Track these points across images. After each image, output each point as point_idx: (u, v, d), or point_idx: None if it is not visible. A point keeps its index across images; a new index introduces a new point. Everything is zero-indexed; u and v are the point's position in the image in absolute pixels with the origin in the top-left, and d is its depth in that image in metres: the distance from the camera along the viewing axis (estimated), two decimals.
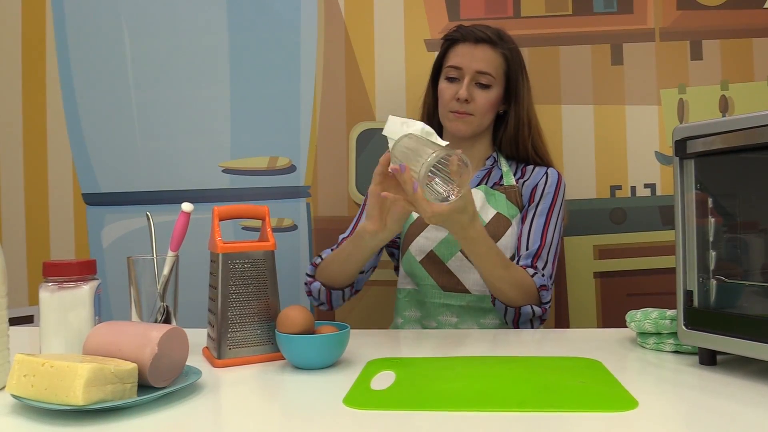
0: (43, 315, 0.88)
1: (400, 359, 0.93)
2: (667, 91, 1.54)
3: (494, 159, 1.37)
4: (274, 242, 0.96)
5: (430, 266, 1.29)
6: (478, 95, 1.29)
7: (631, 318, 0.98)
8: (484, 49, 1.29)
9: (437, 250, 1.28)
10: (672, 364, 0.87)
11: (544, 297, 1.19)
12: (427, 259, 1.29)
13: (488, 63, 1.29)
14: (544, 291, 1.19)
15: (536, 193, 1.31)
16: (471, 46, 1.29)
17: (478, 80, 1.28)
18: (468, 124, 1.30)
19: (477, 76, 1.28)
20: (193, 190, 1.68)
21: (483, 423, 0.65)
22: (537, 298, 1.19)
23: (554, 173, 1.34)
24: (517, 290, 1.16)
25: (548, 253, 1.26)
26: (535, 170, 1.35)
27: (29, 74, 1.75)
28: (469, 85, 1.28)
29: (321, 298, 1.27)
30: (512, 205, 1.31)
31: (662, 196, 1.55)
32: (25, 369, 0.70)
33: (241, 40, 1.67)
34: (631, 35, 1.55)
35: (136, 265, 0.97)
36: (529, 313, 1.17)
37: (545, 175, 1.33)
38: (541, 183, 1.32)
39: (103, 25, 1.71)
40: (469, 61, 1.28)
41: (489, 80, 1.29)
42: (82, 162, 1.73)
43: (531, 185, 1.33)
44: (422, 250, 1.29)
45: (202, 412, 0.72)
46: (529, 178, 1.34)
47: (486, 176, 1.36)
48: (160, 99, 1.70)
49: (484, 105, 1.29)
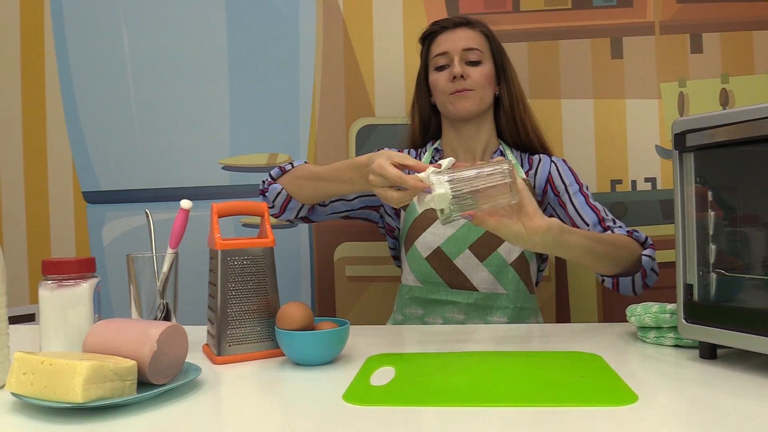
0: (42, 313, 0.88)
1: (400, 355, 0.93)
2: (668, 84, 1.54)
3: (501, 152, 1.36)
4: (273, 239, 0.96)
5: (437, 263, 1.28)
6: (472, 71, 1.29)
7: (632, 312, 0.98)
8: (464, 30, 1.32)
9: (444, 247, 1.27)
10: (672, 358, 0.87)
11: (639, 237, 1.17)
12: (433, 256, 1.28)
13: (472, 40, 1.31)
14: (634, 233, 1.18)
15: (556, 183, 1.31)
16: (451, 31, 1.32)
17: (468, 58, 1.30)
18: (470, 99, 1.29)
19: (465, 54, 1.30)
20: (193, 188, 1.68)
21: (483, 418, 0.65)
22: (637, 243, 1.17)
23: (560, 160, 1.35)
24: (622, 248, 1.13)
25: (607, 214, 1.26)
26: (541, 161, 1.34)
27: (28, 73, 1.75)
28: (461, 64, 1.29)
29: (276, 202, 1.25)
30: None
31: (663, 190, 1.54)
32: (24, 367, 0.70)
33: (240, 37, 1.67)
34: (630, 29, 1.55)
35: (135, 262, 0.97)
36: (649, 261, 1.14)
37: (552, 163, 1.33)
38: (554, 172, 1.32)
39: (101, 23, 1.71)
40: (454, 42, 1.30)
41: (478, 55, 1.30)
42: (81, 160, 1.73)
43: (543, 177, 1.32)
44: (429, 247, 1.28)
45: (202, 409, 0.72)
46: (537, 170, 1.33)
47: None
48: (160, 97, 1.70)
49: (480, 78, 1.29)
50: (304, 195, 1.22)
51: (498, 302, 1.26)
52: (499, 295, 1.26)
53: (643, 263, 1.14)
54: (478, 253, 1.26)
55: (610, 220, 1.25)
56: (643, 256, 1.15)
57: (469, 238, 1.26)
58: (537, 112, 1.56)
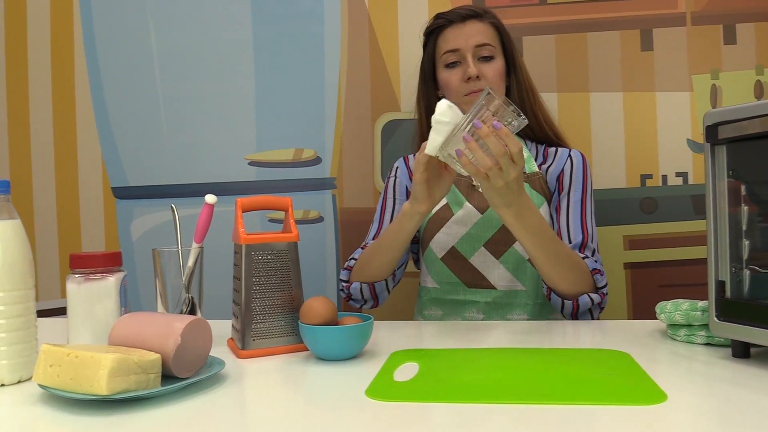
0: (70, 306, 0.89)
1: (424, 350, 0.92)
2: (700, 76, 1.50)
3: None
4: (296, 233, 0.96)
5: (453, 263, 1.26)
6: (486, 69, 1.25)
7: (661, 309, 0.95)
8: (474, 23, 1.26)
9: (459, 247, 1.25)
10: (703, 357, 0.85)
11: (599, 281, 1.14)
12: (448, 256, 1.26)
13: (483, 35, 1.25)
14: (597, 275, 1.14)
15: (564, 180, 1.26)
16: (459, 25, 1.26)
17: (480, 54, 1.25)
18: None
19: (478, 50, 1.25)
20: (220, 183, 1.69)
21: (507, 415, 0.64)
22: (592, 284, 1.14)
23: (578, 156, 1.29)
24: (573, 272, 1.11)
25: (592, 242, 1.22)
26: (558, 153, 1.30)
27: (58, 71, 1.78)
28: (475, 62, 1.24)
29: (365, 296, 1.25)
30: (537, 194, 1.25)
31: (695, 185, 1.51)
32: (51, 359, 0.71)
33: (266, 33, 1.67)
34: (661, 20, 1.51)
35: (161, 257, 0.98)
36: (587, 303, 1.12)
37: (569, 158, 1.28)
38: (567, 168, 1.27)
39: (129, 21, 1.73)
40: (465, 38, 1.25)
41: (490, 51, 1.25)
42: (110, 156, 1.75)
43: (556, 171, 1.28)
44: (443, 247, 1.26)
45: (226, 402, 0.72)
46: (552, 163, 1.29)
47: None
48: (187, 93, 1.71)
49: (495, 77, 1.25)
50: (378, 270, 1.21)
51: (517, 299, 1.24)
52: (518, 291, 1.24)
53: (579, 299, 1.12)
54: (494, 251, 1.24)
55: (591, 250, 1.21)
56: (585, 295, 1.12)
57: (483, 235, 1.24)
58: (564, 106, 1.54)
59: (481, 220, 1.24)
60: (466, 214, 1.26)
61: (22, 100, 1.80)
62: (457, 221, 1.26)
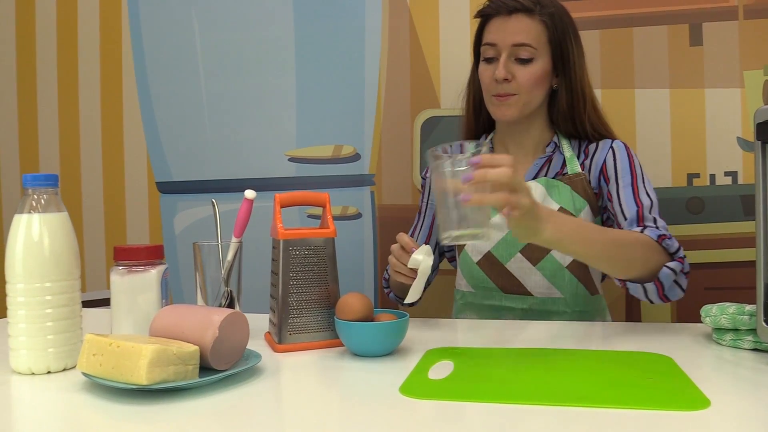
0: (113, 297, 0.92)
1: (460, 349, 0.91)
2: (751, 72, 1.45)
3: (555, 144, 1.24)
4: (334, 229, 0.97)
5: (488, 268, 1.23)
6: (519, 71, 1.16)
7: (706, 313, 0.93)
8: (519, 18, 1.16)
9: (495, 252, 1.21)
10: (750, 363, 0.82)
11: (670, 246, 1.02)
12: (484, 261, 1.23)
13: (526, 33, 1.15)
14: (666, 240, 1.03)
15: (608, 171, 1.19)
16: (504, 18, 1.17)
17: (517, 55, 1.16)
18: (512, 106, 1.18)
19: (515, 50, 1.16)
20: (260, 179, 1.71)
21: (542, 417, 0.63)
22: (665, 253, 1.03)
23: (620, 146, 1.20)
24: (637, 253, 1.00)
25: (650, 211, 1.12)
26: (598, 148, 1.22)
27: (107, 69, 1.83)
28: (507, 62, 1.16)
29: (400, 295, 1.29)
30: (579, 197, 1.19)
31: (745, 185, 1.46)
32: (94, 348, 0.73)
33: (307, 30, 1.68)
34: (711, 14, 1.46)
35: (201, 250, 0.99)
36: (669, 275, 1.00)
37: (610, 149, 1.20)
38: (609, 161, 1.19)
39: (175, 19, 1.77)
40: (504, 35, 1.16)
41: (530, 53, 1.15)
42: (155, 151, 1.79)
43: (599, 164, 1.20)
44: (479, 251, 1.23)
45: (262, 394, 0.73)
46: (593, 157, 1.22)
47: (546, 165, 1.23)
48: (229, 89, 1.74)
49: (527, 81, 1.16)
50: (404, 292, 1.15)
51: (555, 307, 1.20)
52: (555, 299, 1.20)
53: (659, 275, 1.01)
54: (531, 257, 1.19)
55: (651, 219, 1.11)
56: (664, 267, 1.01)
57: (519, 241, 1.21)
58: (609, 102, 1.51)
59: None
60: (501, 219, 1.21)
61: (72, 97, 1.85)
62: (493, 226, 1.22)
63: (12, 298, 0.81)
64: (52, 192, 0.84)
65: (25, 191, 0.84)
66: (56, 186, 0.84)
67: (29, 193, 0.83)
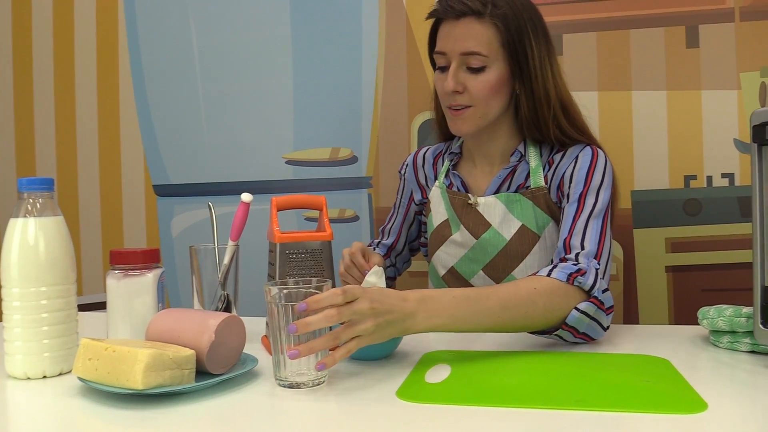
0: (109, 301, 0.91)
1: (457, 352, 0.91)
2: (748, 74, 1.45)
3: (520, 154, 1.14)
4: (331, 232, 0.96)
5: (453, 282, 1.19)
6: (471, 82, 1.07)
7: (704, 315, 0.92)
8: (468, 23, 1.05)
9: (459, 267, 1.18)
10: (747, 365, 0.82)
11: (582, 284, 0.91)
12: (449, 275, 1.20)
13: (475, 40, 1.05)
14: (579, 277, 0.92)
15: (564, 186, 1.09)
16: (452, 23, 1.07)
17: (468, 63, 1.06)
18: (467, 120, 1.10)
19: (464, 59, 1.06)
20: (257, 182, 1.71)
21: (540, 420, 0.63)
22: (576, 292, 0.92)
23: (587, 155, 1.09)
24: (541, 302, 0.89)
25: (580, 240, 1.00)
26: (566, 155, 1.11)
27: (104, 72, 1.82)
28: (457, 72, 1.07)
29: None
30: (542, 213, 1.11)
31: (741, 187, 1.46)
32: (89, 353, 0.73)
33: (304, 33, 1.68)
34: (708, 16, 1.46)
35: (198, 254, 0.99)
36: (580, 318, 0.90)
37: (575, 159, 1.09)
38: (568, 173, 1.09)
39: (171, 22, 1.76)
40: (452, 42, 1.06)
41: (481, 61, 1.05)
42: (152, 154, 1.79)
43: (559, 177, 1.10)
44: (444, 265, 1.20)
45: (258, 399, 0.72)
46: (557, 168, 1.11)
47: (509, 177, 1.15)
48: (226, 92, 1.74)
49: (480, 92, 1.07)
50: None
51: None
52: None
53: (567, 320, 0.90)
54: (493, 276, 1.15)
55: (578, 246, 0.99)
56: (573, 311, 0.90)
57: (481, 259, 1.15)
58: (605, 104, 1.51)
59: (477, 245, 1.15)
60: (462, 237, 1.17)
61: (68, 100, 1.85)
62: (455, 242, 1.17)
63: (7, 302, 0.81)
64: (47, 196, 0.84)
65: (21, 195, 0.84)
66: (52, 190, 0.84)
67: (25, 197, 0.83)
